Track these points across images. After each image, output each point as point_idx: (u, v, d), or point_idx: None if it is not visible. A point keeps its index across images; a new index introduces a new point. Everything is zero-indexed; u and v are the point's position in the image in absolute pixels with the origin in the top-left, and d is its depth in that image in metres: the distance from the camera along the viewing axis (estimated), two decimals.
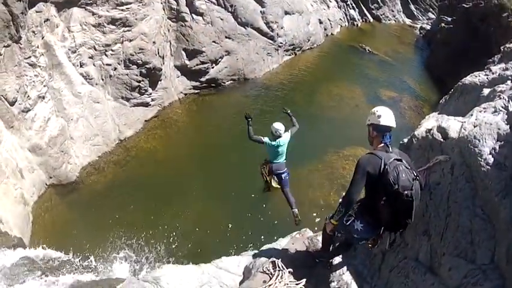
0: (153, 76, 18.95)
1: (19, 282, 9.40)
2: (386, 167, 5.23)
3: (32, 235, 13.27)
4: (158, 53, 19.18)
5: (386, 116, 5.73)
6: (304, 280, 6.88)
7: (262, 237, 13.79)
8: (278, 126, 11.60)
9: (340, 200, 5.83)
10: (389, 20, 38.29)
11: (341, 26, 34.40)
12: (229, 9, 23.20)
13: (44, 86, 14.98)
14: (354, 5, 36.24)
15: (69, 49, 16.15)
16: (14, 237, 11.66)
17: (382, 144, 5.67)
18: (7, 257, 10.28)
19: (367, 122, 5.95)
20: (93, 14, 16.94)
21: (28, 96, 14.23)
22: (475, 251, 4.78)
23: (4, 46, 13.39)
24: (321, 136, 19.44)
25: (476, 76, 8.31)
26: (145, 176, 16.25)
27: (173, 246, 13.38)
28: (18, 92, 13.77)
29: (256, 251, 9.75)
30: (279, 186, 12.75)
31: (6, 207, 12.42)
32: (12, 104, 13.61)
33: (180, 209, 14.73)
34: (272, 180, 12.88)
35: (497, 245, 4.55)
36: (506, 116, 5.27)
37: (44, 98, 14.94)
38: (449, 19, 31.27)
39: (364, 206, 5.78)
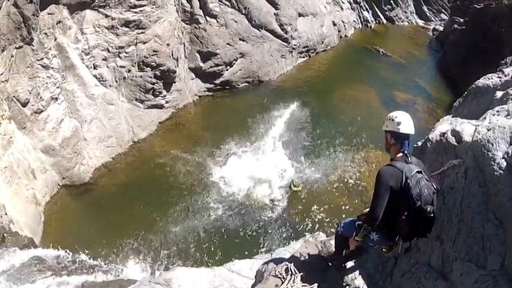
0: (167, 78, 19.00)
1: (29, 282, 9.45)
2: (408, 180, 5.06)
3: (44, 235, 13.38)
4: (172, 55, 19.21)
5: (405, 123, 5.48)
6: (316, 284, 6.82)
7: (276, 240, 13.79)
8: None
9: (365, 217, 5.63)
10: (402, 22, 37.98)
11: (355, 27, 34.21)
12: (243, 12, 23.13)
13: (57, 87, 15.09)
14: (367, 6, 36.04)
15: (82, 51, 16.26)
16: (24, 237, 11.75)
17: (401, 154, 5.48)
18: (17, 256, 10.34)
19: (385, 127, 5.68)
20: (106, 16, 17.03)
21: (41, 97, 14.35)
22: (486, 257, 4.73)
23: (16, 48, 13.53)
24: (335, 138, 19.37)
25: (489, 78, 8.23)
26: (158, 177, 16.30)
27: (185, 248, 13.44)
28: (30, 93, 13.89)
29: (269, 255, 9.74)
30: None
31: (17, 207, 12.54)
32: (24, 105, 13.74)
33: (193, 211, 14.77)
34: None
35: (508, 250, 4.49)
36: None
37: (57, 99, 15.05)
38: (462, 20, 31.03)
39: (381, 219, 5.43)
